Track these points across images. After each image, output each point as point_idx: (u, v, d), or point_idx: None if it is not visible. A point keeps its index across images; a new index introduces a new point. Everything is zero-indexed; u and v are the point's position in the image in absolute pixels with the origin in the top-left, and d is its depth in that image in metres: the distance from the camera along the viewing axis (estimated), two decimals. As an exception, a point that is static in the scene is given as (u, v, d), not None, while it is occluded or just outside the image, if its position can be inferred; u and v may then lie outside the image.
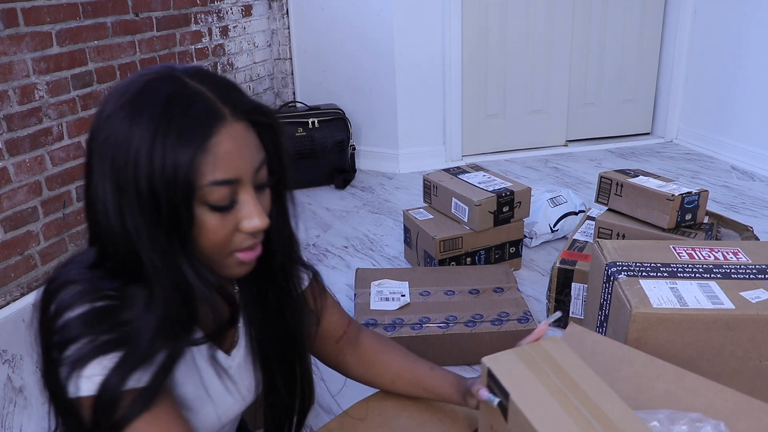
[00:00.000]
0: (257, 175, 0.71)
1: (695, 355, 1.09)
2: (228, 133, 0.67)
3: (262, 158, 0.71)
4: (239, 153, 0.68)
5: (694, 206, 1.62)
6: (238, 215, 0.70)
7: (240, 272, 0.74)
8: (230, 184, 0.67)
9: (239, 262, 0.73)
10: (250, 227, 0.70)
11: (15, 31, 1.88)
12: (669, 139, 3.58)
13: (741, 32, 3.05)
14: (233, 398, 0.85)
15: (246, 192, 0.69)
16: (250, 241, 0.71)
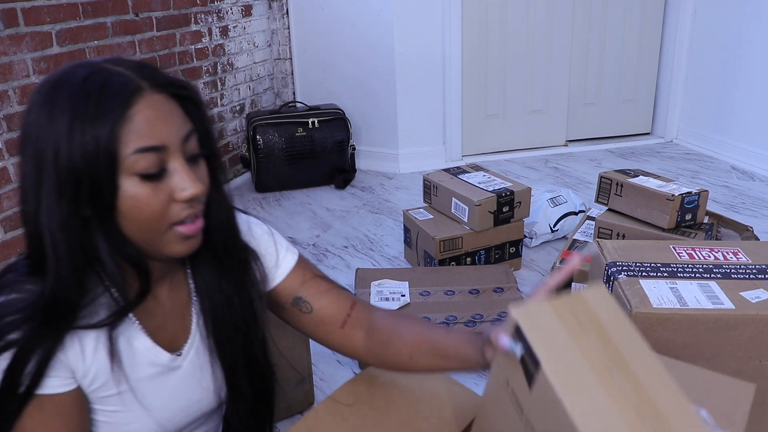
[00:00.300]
0: (186, 145, 0.70)
1: (695, 355, 1.09)
2: (147, 103, 0.67)
3: (189, 128, 0.71)
4: (161, 121, 0.68)
5: (694, 206, 1.62)
6: (171, 185, 0.69)
7: (183, 249, 0.73)
8: (156, 150, 0.67)
9: (181, 236, 0.71)
10: (184, 195, 0.69)
11: (15, 31, 1.88)
12: (669, 139, 3.58)
13: (741, 32, 3.05)
14: (183, 402, 0.83)
15: (175, 160, 0.69)
16: (187, 211, 0.70)
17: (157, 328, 0.80)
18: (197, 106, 0.74)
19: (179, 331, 0.83)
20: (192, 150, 0.72)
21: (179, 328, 0.83)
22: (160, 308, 0.80)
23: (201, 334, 0.84)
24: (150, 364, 0.78)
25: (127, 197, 0.67)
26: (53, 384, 0.70)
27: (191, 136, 0.71)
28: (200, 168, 0.73)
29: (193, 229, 0.72)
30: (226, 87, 3.02)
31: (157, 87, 0.69)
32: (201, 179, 0.72)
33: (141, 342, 0.77)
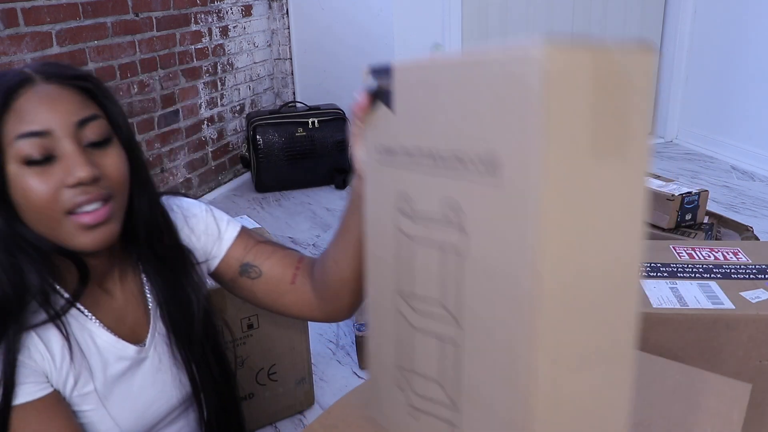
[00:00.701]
0: (81, 131, 0.69)
1: (695, 355, 1.09)
2: (34, 93, 0.68)
3: (87, 114, 0.70)
4: (46, 107, 0.68)
5: (694, 206, 1.62)
6: (59, 171, 0.67)
7: (89, 240, 0.70)
8: (39, 135, 0.66)
9: (80, 226, 0.69)
10: (70, 179, 0.67)
11: (15, 31, 1.88)
12: (669, 139, 3.58)
13: (741, 32, 3.05)
14: (153, 393, 0.82)
15: (66, 145, 0.68)
16: (80, 197, 0.68)
17: (116, 322, 0.79)
18: (103, 95, 0.73)
19: (139, 323, 0.82)
20: (91, 137, 0.70)
21: (138, 319, 0.82)
22: (114, 302, 0.80)
23: (160, 323, 0.84)
24: (118, 359, 0.78)
25: (17, 186, 0.67)
26: (30, 390, 0.69)
27: (90, 122, 0.70)
28: (107, 155, 0.71)
29: (92, 218, 0.69)
30: (226, 87, 3.02)
31: (49, 78, 0.70)
32: (102, 165, 0.70)
33: (104, 338, 0.77)
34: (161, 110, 2.58)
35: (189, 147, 2.79)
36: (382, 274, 0.65)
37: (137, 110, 2.44)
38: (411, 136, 0.58)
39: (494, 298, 0.51)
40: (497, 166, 0.48)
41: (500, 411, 0.51)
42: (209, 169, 2.97)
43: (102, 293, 0.79)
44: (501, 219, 0.49)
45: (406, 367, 0.63)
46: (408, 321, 0.61)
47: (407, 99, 0.59)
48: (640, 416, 0.86)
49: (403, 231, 0.61)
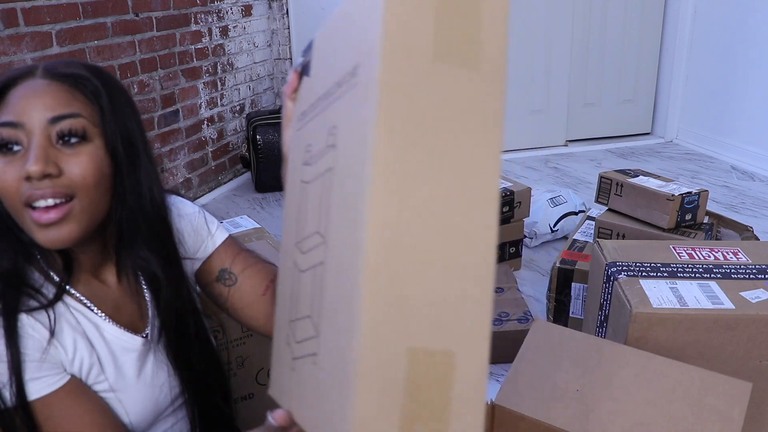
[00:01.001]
0: (53, 126, 0.69)
1: (695, 355, 1.09)
2: (27, 85, 0.70)
3: (65, 112, 0.70)
4: (28, 100, 0.69)
5: (694, 206, 1.62)
6: (22, 162, 0.68)
7: (43, 239, 0.70)
8: (12, 126, 0.68)
9: (35, 222, 0.69)
10: (23, 171, 0.67)
11: (15, 31, 1.88)
12: (669, 139, 3.58)
13: (741, 32, 3.05)
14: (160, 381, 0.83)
15: (33, 138, 0.69)
16: (33, 191, 0.68)
17: (114, 312, 0.80)
18: (102, 95, 0.74)
19: (135, 315, 0.83)
20: (65, 132, 0.70)
21: (135, 311, 0.83)
22: (111, 292, 0.81)
23: (157, 315, 0.84)
24: (125, 351, 0.79)
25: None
26: (49, 382, 0.71)
27: (65, 119, 0.70)
28: (77, 154, 0.71)
29: (45, 217, 0.68)
30: (226, 87, 3.02)
31: (47, 73, 0.71)
32: (66, 164, 0.70)
33: (110, 331, 0.78)
34: (161, 110, 2.58)
35: (189, 147, 2.79)
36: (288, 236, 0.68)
37: (137, 110, 2.44)
38: (317, 89, 0.62)
39: (345, 200, 0.52)
40: (356, 71, 0.51)
41: (342, 319, 0.50)
42: (209, 169, 2.97)
43: (98, 284, 0.80)
44: (354, 119, 0.51)
45: (293, 317, 0.63)
46: (298, 268, 0.63)
47: (317, 59, 0.64)
48: (641, 415, 0.86)
49: (302, 181, 0.64)
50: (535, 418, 0.88)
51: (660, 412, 0.87)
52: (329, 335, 0.53)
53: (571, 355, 0.98)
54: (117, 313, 0.80)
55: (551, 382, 0.93)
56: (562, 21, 3.33)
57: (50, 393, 0.70)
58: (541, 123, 3.49)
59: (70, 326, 0.74)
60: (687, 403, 0.87)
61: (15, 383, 0.68)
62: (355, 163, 0.50)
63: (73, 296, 0.77)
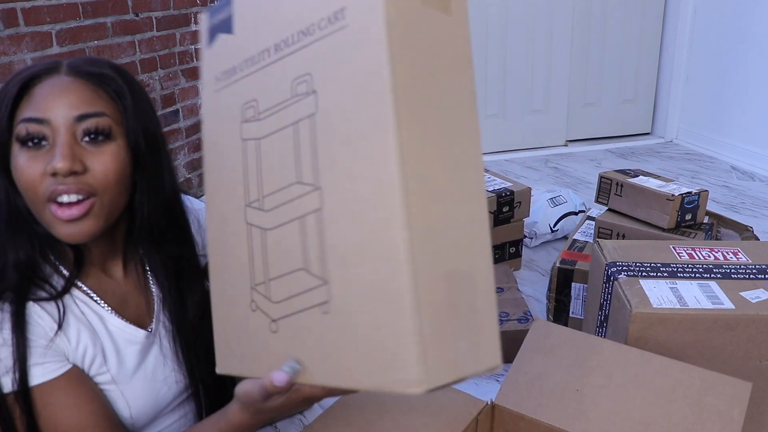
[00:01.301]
0: (79, 124, 0.70)
1: (695, 355, 1.09)
2: (51, 83, 0.71)
3: (91, 110, 0.71)
4: (53, 96, 0.70)
5: (694, 206, 1.62)
6: (48, 159, 0.70)
7: (65, 234, 0.71)
8: (38, 122, 0.69)
9: (56, 217, 0.70)
10: (49, 167, 0.69)
11: (15, 31, 1.88)
12: (669, 139, 3.59)
13: (741, 32, 3.05)
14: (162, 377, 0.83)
15: (58, 135, 0.70)
16: (57, 187, 0.69)
17: (119, 305, 0.81)
18: (124, 94, 0.74)
19: (141, 310, 0.84)
20: (88, 132, 0.71)
21: (141, 306, 0.84)
22: (117, 286, 0.82)
23: (163, 308, 0.85)
24: (128, 343, 0.80)
25: (14, 165, 0.71)
26: (51, 368, 0.72)
27: (90, 118, 0.71)
28: (101, 152, 0.72)
29: (67, 213, 0.70)
30: (226, 87, 3.02)
31: (71, 71, 0.72)
32: (91, 161, 0.71)
33: (114, 323, 0.79)
34: (161, 110, 2.58)
35: (189, 147, 2.79)
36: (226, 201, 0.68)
37: (137, 110, 2.45)
38: (252, 44, 0.62)
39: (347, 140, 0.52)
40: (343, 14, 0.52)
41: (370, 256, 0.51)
42: (209, 169, 2.97)
43: (105, 277, 0.81)
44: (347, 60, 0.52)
45: (260, 279, 0.62)
46: (260, 227, 0.61)
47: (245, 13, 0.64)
48: (641, 415, 0.86)
49: (249, 138, 0.63)
50: (535, 418, 0.88)
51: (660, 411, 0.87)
52: (349, 276, 0.53)
53: (571, 354, 0.98)
54: (122, 307, 0.81)
55: (551, 382, 0.93)
56: (562, 21, 3.33)
57: (51, 380, 0.71)
58: (541, 123, 3.49)
59: (75, 317, 0.75)
60: (687, 402, 0.88)
61: (18, 368, 0.69)
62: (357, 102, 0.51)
63: (80, 288, 0.78)
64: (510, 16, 3.24)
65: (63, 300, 0.75)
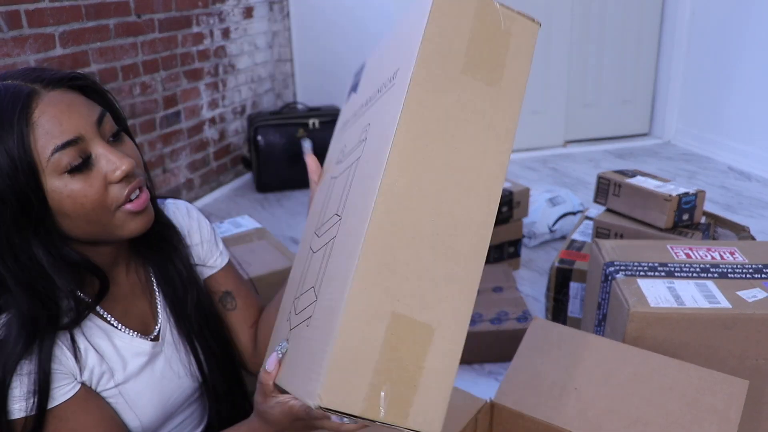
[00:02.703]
0: (102, 128, 0.71)
1: (692, 354, 1.10)
2: (46, 103, 0.67)
3: (99, 112, 0.71)
4: (67, 113, 0.68)
5: (691, 206, 1.64)
6: (101, 170, 0.69)
7: (137, 226, 0.73)
8: (74, 143, 0.67)
9: (131, 213, 0.72)
10: (116, 175, 0.69)
11: (18, 33, 1.89)
12: (666, 139, 3.60)
13: (738, 33, 3.06)
14: (171, 385, 0.83)
15: (96, 145, 0.69)
16: (127, 189, 0.71)
17: (124, 312, 0.81)
18: (98, 91, 0.75)
19: (146, 313, 0.84)
20: (110, 130, 0.72)
21: (144, 309, 0.84)
22: (120, 290, 0.81)
23: (167, 312, 0.86)
24: (135, 355, 0.80)
25: (64, 197, 0.67)
26: (61, 392, 0.71)
27: (104, 117, 0.71)
28: (126, 143, 0.74)
29: (139, 205, 0.72)
30: (227, 88, 3.03)
31: (51, 85, 0.69)
32: (129, 154, 0.73)
33: (121, 337, 0.79)
34: (163, 111, 2.59)
35: (191, 148, 2.80)
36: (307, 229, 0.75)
37: (139, 111, 2.45)
38: (360, 100, 0.71)
39: (362, 180, 0.58)
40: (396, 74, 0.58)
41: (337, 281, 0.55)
42: (211, 170, 2.98)
43: (111, 284, 0.80)
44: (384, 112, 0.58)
45: (298, 293, 0.67)
46: (311, 250, 0.68)
47: (365, 77, 0.73)
48: (639, 413, 0.88)
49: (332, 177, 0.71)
50: (533, 416, 0.89)
51: (657, 410, 0.88)
52: (325, 296, 0.57)
53: (570, 353, 1.00)
54: (127, 314, 0.81)
55: (550, 381, 0.95)
56: (561, 22, 3.34)
57: (63, 402, 0.71)
58: (539, 124, 3.50)
59: (82, 335, 0.75)
60: (684, 401, 0.89)
61: (38, 394, 0.68)
62: (376, 149, 0.56)
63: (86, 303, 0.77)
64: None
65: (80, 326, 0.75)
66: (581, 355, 0.99)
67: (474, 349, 1.64)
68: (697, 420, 0.86)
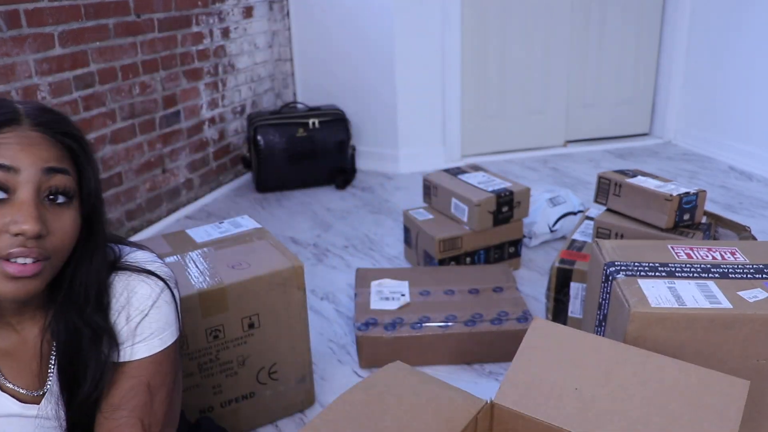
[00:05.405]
0: (46, 180, 0.68)
1: (693, 355, 1.10)
2: (17, 134, 0.67)
3: (56, 166, 0.69)
4: (23, 148, 0.66)
5: (692, 206, 1.63)
6: (5, 214, 0.66)
7: (9, 290, 0.67)
8: (5, 170, 0.65)
9: (4, 273, 0.66)
10: (13, 228, 0.65)
11: (18, 33, 1.89)
12: (667, 139, 3.60)
13: (739, 33, 3.06)
14: None
15: (25, 190, 0.66)
16: (15, 248, 0.66)
17: (11, 367, 0.77)
18: (83, 157, 0.72)
19: (29, 370, 0.78)
20: (54, 189, 0.69)
21: (29, 366, 0.78)
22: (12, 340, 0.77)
23: (55, 381, 0.79)
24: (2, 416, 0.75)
25: None
26: None
27: (56, 174, 0.68)
28: (59, 215, 0.70)
29: (20, 270, 0.66)
30: (227, 88, 3.03)
31: (38, 126, 0.68)
32: (51, 224, 0.68)
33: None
34: (162, 111, 2.59)
35: (190, 147, 2.80)
36: None
37: (139, 111, 2.45)
38: None
39: None
40: None
41: None
42: (210, 170, 2.98)
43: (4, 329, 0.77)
44: None
45: None
46: None
47: None
48: (639, 413, 0.87)
49: None
50: (533, 416, 0.89)
51: (658, 410, 0.87)
52: None
53: (570, 353, 0.99)
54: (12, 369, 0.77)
55: (550, 381, 0.94)
56: (561, 22, 3.34)
57: None
58: (540, 124, 3.50)
59: None
60: (685, 401, 0.88)
61: None
62: None
63: None
64: (509, 17, 3.25)
65: None
66: (582, 356, 0.99)
67: (474, 350, 1.64)
68: (697, 420, 0.85)
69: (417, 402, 0.95)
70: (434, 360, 1.65)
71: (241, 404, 1.40)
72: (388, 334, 1.62)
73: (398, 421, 0.90)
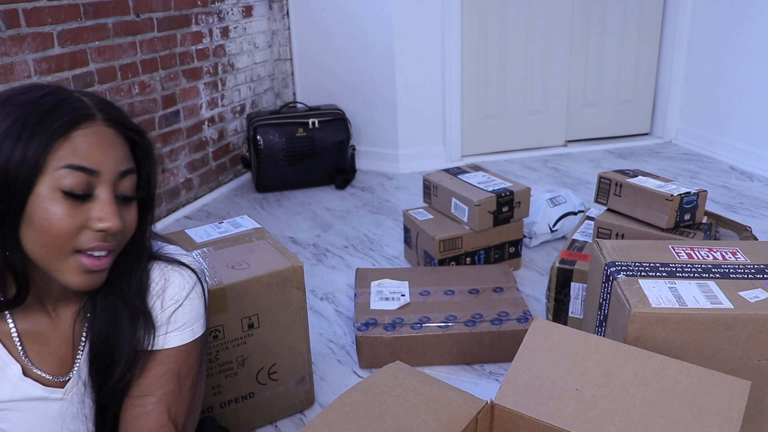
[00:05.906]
0: (121, 181, 0.71)
1: (694, 355, 1.09)
2: (95, 131, 0.69)
3: (129, 167, 0.72)
4: (103, 149, 0.69)
5: (692, 206, 1.63)
6: (91, 211, 0.69)
7: (81, 282, 0.71)
8: (87, 172, 0.68)
9: (81, 267, 0.70)
10: (100, 225, 0.69)
11: (17, 32, 1.88)
12: (668, 139, 3.59)
13: (739, 33, 3.05)
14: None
15: (104, 190, 0.69)
16: (96, 242, 0.69)
17: (39, 351, 0.78)
18: (147, 155, 0.75)
19: (59, 354, 0.80)
20: (125, 190, 0.72)
21: (59, 350, 0.80)
22: (48, 331, 0.78)
23: (84, 365, 0.81)
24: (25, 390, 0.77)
25: (42, 208, 0.67)
26: None
27: (128, 175, 0.72)
28: (129, 210, 0.74)
29: (96, 264, 0.70)
30: (226, 87, 3.03)
31: (110, 121, 0.71)
32: (126, 221, 0.73)
33: (12, 369, 0.76)
34: (162, 111, 2.59)
35: (190, 147, 2.79)
36: None
37: (138, 111, 2.45)
38: None
39: None
40: None
41: None
42: (210, 170, 2.97)
43: (44, 315, 0.78)
44: None
45: None
46: None
47: None
48: (640, 413, 0.87)
49: None
50: (534, 417, 0.88)
51: (659, 410, 0.87)
52: None
53: (571, 354, 0.99)
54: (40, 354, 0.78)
55: (550, 381, 0.94)
56: (562, 22, 3.34)
57: None
58: (540, 123, 3.49)
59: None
60: (686, 401, 0.88)
61: None
62: None
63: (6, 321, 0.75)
64: (509, 16, 3.25)
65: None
66: (582, 356, 0.98)
67: (474, 350, 1.64)
68: (698, 421, 0.85)
69: (417, 402, 0.94)
70: (434, 360, 1.65)
71: (241, 405, 1.40)
72: (388, 335, 1.62)
73: (398, 422, 0.90)
